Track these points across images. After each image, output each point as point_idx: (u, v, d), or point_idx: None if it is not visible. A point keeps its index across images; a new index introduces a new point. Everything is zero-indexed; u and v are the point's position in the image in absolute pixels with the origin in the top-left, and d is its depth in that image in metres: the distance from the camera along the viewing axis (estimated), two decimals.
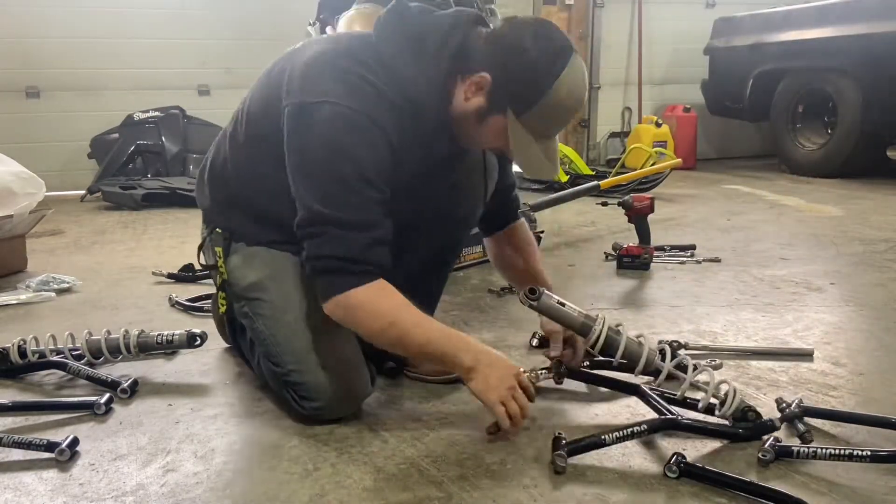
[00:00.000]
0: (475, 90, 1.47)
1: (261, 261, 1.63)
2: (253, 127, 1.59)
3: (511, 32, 1.46)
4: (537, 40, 1.43)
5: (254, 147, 1.60)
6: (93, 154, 5.23)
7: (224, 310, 1.73)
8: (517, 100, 1.45)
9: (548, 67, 1.42)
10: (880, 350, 2.00)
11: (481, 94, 1.46)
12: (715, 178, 5.69)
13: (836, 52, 5.14)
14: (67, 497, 1.29)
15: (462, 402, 1.66)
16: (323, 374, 1.53)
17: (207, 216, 1.75)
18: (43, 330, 1.99)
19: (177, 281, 2.80)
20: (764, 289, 2.58)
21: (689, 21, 6.72)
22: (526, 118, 1.45)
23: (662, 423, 1.47)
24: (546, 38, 1.44)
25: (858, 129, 5.14)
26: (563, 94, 1.43)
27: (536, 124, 1.47)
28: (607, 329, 1.51)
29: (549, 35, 1.45)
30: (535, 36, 1.43)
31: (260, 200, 1.62)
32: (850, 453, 1.33)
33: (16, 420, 1.60)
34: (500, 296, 2.53)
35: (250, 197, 1.63)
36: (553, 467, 1.35)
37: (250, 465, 1.41)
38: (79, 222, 4.21)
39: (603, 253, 3.11)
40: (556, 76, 1.42)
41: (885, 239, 3.35)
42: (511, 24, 1.48)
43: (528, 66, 1.42)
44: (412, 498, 1.27)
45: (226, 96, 5.52)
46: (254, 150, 1.60)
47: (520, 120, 1.46)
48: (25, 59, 5.19)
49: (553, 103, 1.44)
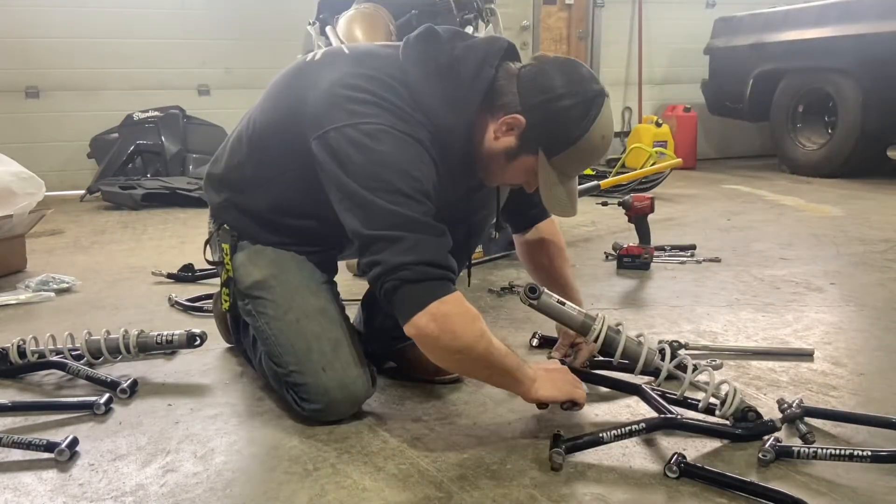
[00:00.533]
0: (506, 130, 1.46)
1: (266, 259, 1.63)
2: (263, 139, 1.58)
3: (544, 74, 1.45)
4: (572, 85, 1.43)
5: (266, 155, 1.58)
6: (92, 154, 5.24)
7: (227, 306, 1.72)
8: (550, 143, 1.45)
9: (583, 114, 1.42)
10: (880, 350, 1.99)
11: (512, 134, 1.46)
12: (715, 178, 5.70)
13: (836, 52, 5.14)
14: (67, 497, 1.29)
15: (462, 402, 1.67)
16: (324, 375, 1.53)
17: (215, 212, 1.74)
18: (42, 330, 1.99)
19: (176, 281, 2.80)
20: (764, 289, 2.58)
21: (689, 21, 6.73)
22: (556, 160, 1.47)
23: (661, 422, 1.47)
24: (580, 83, 1.44)
25: (858, 129, 5.14)
26: (596, 139, 1.45)
27: (565, 165, 1.48)
28: (607, 328, 1.51)
29: (582, 79, 1.45)
30: (570, 81, 1.44)
31: (266, 210, 1.62)
32: (851, 453, 1.33)
33: (15, 420, 1.60)
34: (500, 296, 2.53)
35: (257, 204, 1.63)
36: (550, 464, 1.35)
37: (250, 465, 1.41)
38: (78, 222, 4.21)
39: (603, 253, 3.11)
40: (590, 123, 1.43)
41: (885, 239, 3.35)
42: (542, 64, 1.47)
43: (563, 113, 1.42)
44: (412, 498, 1.27)
45: (226, 96, 5.53)
46: (266, 159, 1.59)
47: (550, 162, 1.47)
48: (25, 59, 5.19)
49: (585, 148, 1.45)
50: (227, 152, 1.69)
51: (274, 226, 1.62)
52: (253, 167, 1.62)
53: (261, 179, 1.61)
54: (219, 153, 1.74)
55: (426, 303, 1.34)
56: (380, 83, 1.45)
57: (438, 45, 1.50)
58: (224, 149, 1.71)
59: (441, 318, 1.35)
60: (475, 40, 1.52)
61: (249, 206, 1.64)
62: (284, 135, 1.52)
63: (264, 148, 1.59)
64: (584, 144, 1.44)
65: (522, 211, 1.84)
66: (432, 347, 1.39)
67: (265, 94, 1.63)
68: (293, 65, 1.62)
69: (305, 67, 1.58)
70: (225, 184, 1.69)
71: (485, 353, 1.40)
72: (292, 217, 1.61)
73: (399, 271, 1.34)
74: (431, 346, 1.38)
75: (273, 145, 1.57)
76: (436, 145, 1.46)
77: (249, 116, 1.65)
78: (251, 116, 1.64)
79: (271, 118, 1.58)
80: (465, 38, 1.53)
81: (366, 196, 1.37)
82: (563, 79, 1.44)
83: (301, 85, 1.53)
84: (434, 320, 1.34)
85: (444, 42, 1.50)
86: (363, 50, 1.62)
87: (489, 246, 2.98)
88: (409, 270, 1.34)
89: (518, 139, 1.46)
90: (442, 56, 1.48)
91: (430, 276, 1.35)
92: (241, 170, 1.64)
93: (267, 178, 1.59)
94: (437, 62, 1.47)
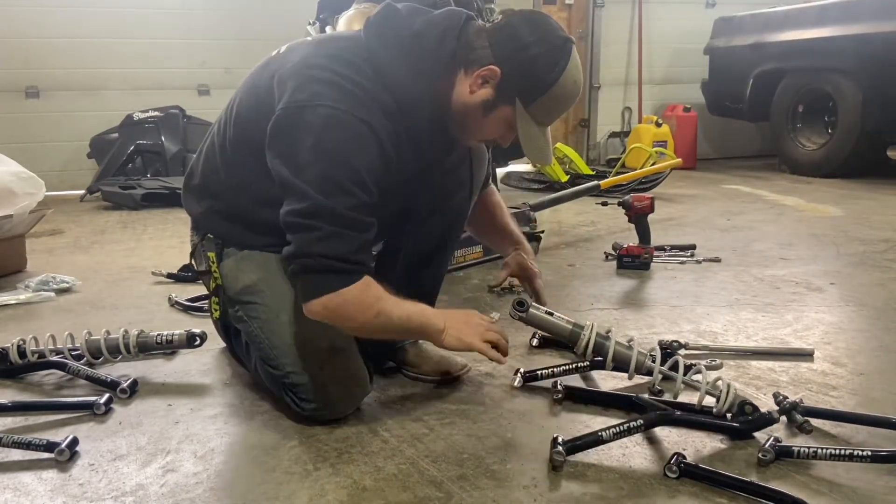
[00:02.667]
0: (481, 83, 1.49)
1: (254, 263, 1.62)
2: (241, 132, 1.58)
3: (512, 25, 1.48)
4: (540, 33, 1.47)
5: (243, 154, 1.58)
6: (92, 154, 5.24)
7: (218, 315, 1.72)
8: (526, 91, 1.48)
9: (555, 60, 1.46)
10: (880, 350, 1.99)
11: (488, 86, 1.49)
12: (715, 178, 5.70)
13: (836, 52, 5.14)
14: (67, 497, 1.29)
15: (462, 402, 1.67)
16: (321, 374, 1.53)
17: (197, 222, 1.74)
18: (42, 330, 1.99)
19: (176, 281, 2.80)
20: (764, 289, 2.58)
21: (689, 21, 6.73)
22: (532, 108, 1.50)
23: (659, 419, 1.47)
24: (548, 32, 1.48)
25: (858, 129, 5.14)
26: (569, 84, 1.49)
27: (540, 112, 1.51)
28: (596, 335, 1.52)
29: (549, 28, 1.49)
30: (537, 30, 1.48)
31: (250, 208, 1.62)
32: (851, 453, 1.33)
33: (15, 420, 1.60)
34: (500, 295, 2.53)
35: (240, 205, 1.63)
36: (551, 464, 1.35)
37: (250, 465, 1.41)
38: (78, 222, 4.21)
39: (603, 253, 3.11)
40: (562, 69, 1.46)
41: (885, 239, 3.35)
42: (510, 17, 1.50)
43: (536, 59, 1.46)
44: (412, 498, 1.27)
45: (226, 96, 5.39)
46: (243, 158, 1.59)
47: (527, 110, 1.50)
48: (25, 59, 5.19)
49: (559, 93, 1.49)
50: (201, 162, 1.70)
51: (259, 225, 1.61)
52: (230, 169, 1.62)
53: (240, 179, 1.61)
54: (193, 165, 1.74)
55: (321, 293, 1.41)
56: (342, 61, 1.47)
57: (399, 20, 1.52)
58: (198, 160, 1.72)
59: (333, 308, 1.42)
60: (435, 14, 1.54)
61: (232, 209, 1.64)
62: (256, 131, 1.52)
63: (238, 145, 1.59)
64: (558, 90, 1.48)
65: None
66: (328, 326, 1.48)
67: (234, 98, 1.64)
68: (259, 63, 1.63)
69: (270, 61, 1.59)
70: (205, 193, 1.69)
71: (385, 324, 1.47)
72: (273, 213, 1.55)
73: (303, 258, 1.41)
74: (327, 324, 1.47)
75: (247, 139, 1.57)
76: (400, 119, 1.49)
77: (220, 121, 1.66)
78: (222, 120, 1.65)
79: (242, 117, 1.58)
80: (425, 13, 1.55)
81: (295, 180, 1.41)
82: (531, 28, 1.48)
83: (267, 74, 1.54)
84: (325, 308, 1.42)
85: (405, 17, 1.53)
86: (327, 36, 1.65)
87: None
88: (312, 260, 1.40)
89: (495, 90, 1.49)
90: (404, 30, 1.51)
91: (331, 268, 1.41)
92: (219, 174, 1.64)
93: (245, 176, 1.59)
94: (399, 36, 1.50)
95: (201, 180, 1.69)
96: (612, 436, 1.39)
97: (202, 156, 1.70)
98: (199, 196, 1.70)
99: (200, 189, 1.70)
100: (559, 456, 1.34)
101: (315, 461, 1.41)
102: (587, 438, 1.39)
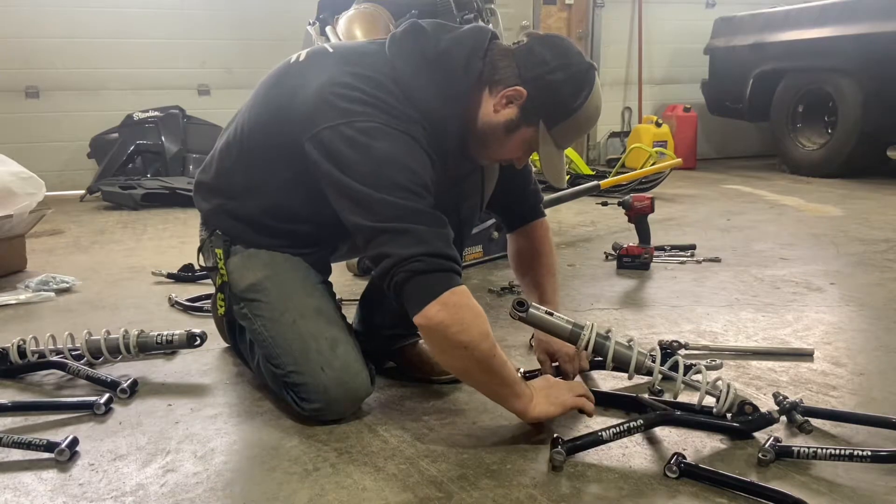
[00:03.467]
0: (506, 102, 1.49)
1: (260, 262, 1.62)
2: (255, 141, 1.58)
3: (538, 48, 1.49)
4: (567, 58, 1.49)
5: (256, 161, 1.58)
6: (92, 154, 5.24)
7: (223, 311, 1.72)
8: (551, 114, 1.50)
9: (580, 85, 1.48)
10: (880, 350, 1.99)
11: (513, 105, 1.49)
12: (715, 178, 5.70)
13: (836, 52, 5.14)
14: (67, 497, 1.29)
15: (462, 402, 1.67)
16: (323, 374, 1.53)
17: (207, 219, 1.74)
18: (42, 330, 1.99)
19: (176, 281, 2.80)
20: (764, 289, 2.58)
21: (689, 21, 6.73)
22: (555, 130, 1.51)
23: (659, 419, 1.47)
24: (573, 56, 1.50)
25: (858, 129, 5.14)
26: (591, 109, 1.52)
27: (561, 135, 1.53)
28: (596, 335, 1.52)
29: (574, 52, 1.52)
30: (564, 54, 1.49)
31: (256, 214, 1.62)
32: (851, 453, 1.33)
33: (15, 420, 1.60)
34: (500, 295, 2.53)
35: (247, 208, 1.63)
36: (551, 464, 1.35)
37: (250, 465, 1.41)
38: (78, 222, 4.21)
39: (603, 253, 3.11)
40: (587, 95, 1.49)
41: (885, 239, 3.35)
42: (534, 40, 1.51)
43: (563, 84, 1.47)
44: (412, 498, 1.27)
45: (226, 96, 5.53)
46: (255, 164, 1.58)
47: (549, 132, 1.51)
48: (25, 59, 5.19)
49: (582, 118, 1.51)
50: (216, 159, 1.69)
51: (268, 230, 1.62)
52: (243, 172, 1.61)
53: (252, 184, 1.60)
54: (207, 161, 1.73)
55: (438, 292, 1.34)
56: (370, 81, 1.46)
57: (424, 39, 1.52)
58: (213, 156, 1.71)
59: (452, 308, 1.35)
60: (460, 32, 1.54)
61: (241, 211, 1.64)
62: (274, 138, 1.52)
63: (254, 152, 1.58)
64: (582, 115, 1.50)
65: (514, 208, 1.86)
66: (440, 338, 1.38)
67: (252, 100, 1.63)
68: (278, 67, 1.62)
69: (291, 69, 1.58)
70: (215, 191, 1.68)
71: (488, 354, 1.39)
72: (285, 220, 1.61)
73: (410, 263, 1.34)
74: (440, 336, 1.37)
75: (263, 149, 1.56)
76: (430, 139, 1.48)
77: (237, 122, 1.65)
78: (239, 122, 1.64)
79: (260, 122, 1.57)
80: (451, 30, 1.55)
81: (366, 192, 1.38)
82: (556, 52, 1.49)
83: (289, 86, 1.53)
84: (445, 309, 1.34)
85: (430, 36, 1.52)
86: (349, 48, 1.63)
87: (489, 246, 2.98)
88: (420, 262, 1.34)
89: (519, 110, 1.49)
90: (429, 50, 1.50)
91: (440, 267, 1.36)
92: (231, 176, 1.64)
93: (258, 183, 1.59)
94: (425, 56, 1.49)
95: (214, 178, 1.69)
96: (612, 436, 1.39)
97: (217, 153, 1.70)
98: (209, 193, 1.70)
99: (212, 186, 1.70)
100: (559, 456, 1.35)
101: (315, 461, 1.41)
102: (587, 438, 1.39)
